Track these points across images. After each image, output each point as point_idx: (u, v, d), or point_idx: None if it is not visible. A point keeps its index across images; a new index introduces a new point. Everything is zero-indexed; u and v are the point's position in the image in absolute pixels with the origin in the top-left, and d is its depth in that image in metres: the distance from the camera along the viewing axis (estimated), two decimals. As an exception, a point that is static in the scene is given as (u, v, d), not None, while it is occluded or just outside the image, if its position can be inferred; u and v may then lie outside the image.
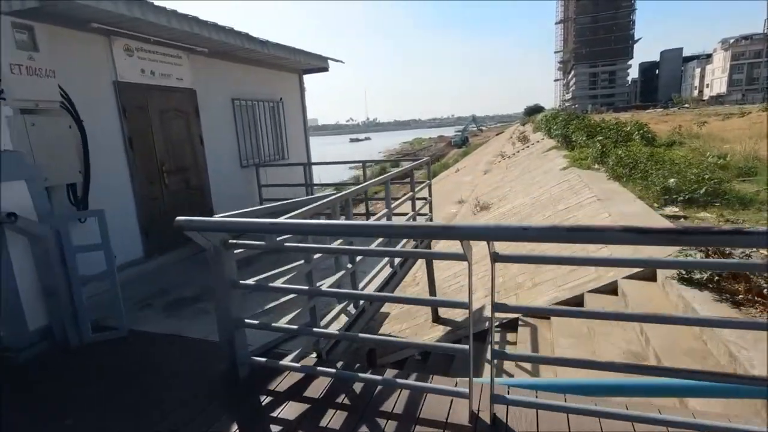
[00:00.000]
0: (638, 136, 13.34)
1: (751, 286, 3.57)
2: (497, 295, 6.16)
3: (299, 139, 8.68)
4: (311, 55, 7.61)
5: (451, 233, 1.71)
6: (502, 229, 1.69)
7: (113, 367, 2.86)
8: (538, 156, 19.18)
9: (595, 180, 9.61)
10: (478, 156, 40.69)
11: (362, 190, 4.09)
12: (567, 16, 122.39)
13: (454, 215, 15.54)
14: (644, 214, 6.46)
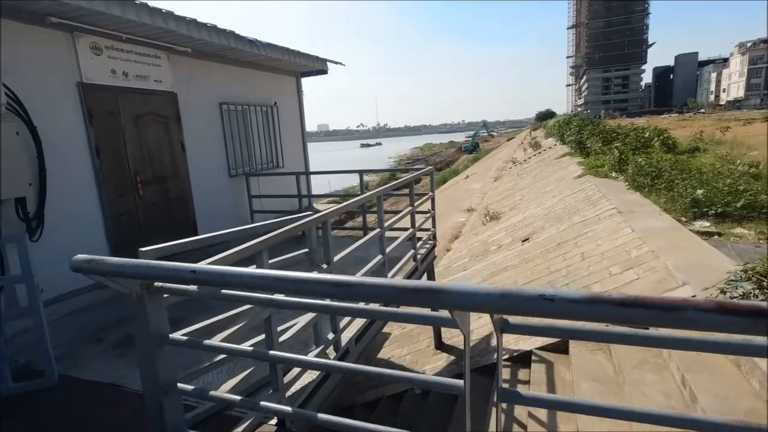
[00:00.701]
0: (658, 143, 12.59)
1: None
2: (508, 319, 5.53)
3: (296, 145, 8.16)
4: (307, 56, 7.11)
5: (439, 299, 1.13)
6: (514, 298, 1.10)
7: (30, 428, 2.32)
8: (550, 163, 18.47)
9: (613, 189, 8.93)
10: (488, 162, 39.95)
11: (355, 205, 3.52)
12: (579, 21, 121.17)
13: (463, 224, 14.91)
14: (674, 230, 5.79)
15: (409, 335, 6.96)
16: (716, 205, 6.56)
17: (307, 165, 8.42)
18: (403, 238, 4.54)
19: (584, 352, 4.07)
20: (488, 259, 8.85)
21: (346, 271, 4.33)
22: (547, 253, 7.09)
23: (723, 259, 4.55)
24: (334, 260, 2.93)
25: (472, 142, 73.64)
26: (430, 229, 5.62)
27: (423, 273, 5.23)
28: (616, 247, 5.77)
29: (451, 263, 10.34)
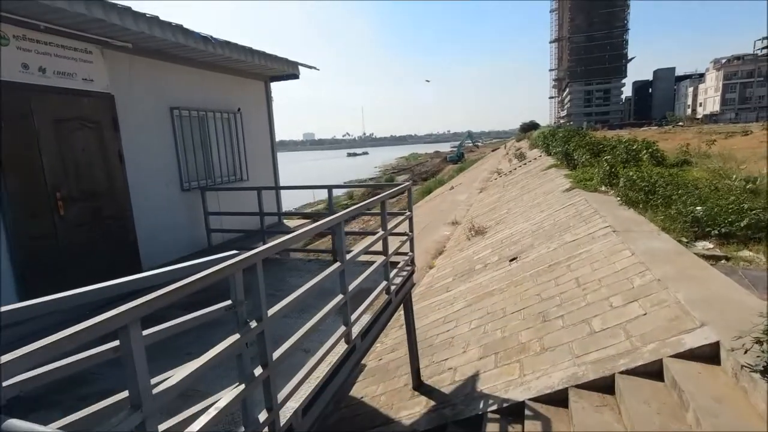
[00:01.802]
0: (647, 155, 12.20)
1: None
2: (495, 357, 4.86)
3: (264, 156, 7.43)
4: (275, 58, 6.41)
5: None
6: None
7: None
8: (536, 174, 18.05)
9: (605, 205, 8.40)
10: (473, 173, 39.65)
11: (310, 234, 2.81)
12: (561, 35, 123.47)
13: (447, 238, 14.28)
14: (677, 253, 5.21)
15: (385, 369, 6.23)
16: (719, 224, 6.03)
17: (277, 178, 7.67)
18: (375, 267, 3.83)
19: (588, 407, 3.40)
20: (473, 279, 8.20)
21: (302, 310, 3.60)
22: (538, 276, 6.46)
23: (741, 292, 3.96)
24: (270, 312, 2.21)
25: (457, 152, 73.91)
26: (407, 254, 4.92)
27: (397, 307, 4.52)
28: (615, 273, 5.16)
29: (434, 282, 9.66)
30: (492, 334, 5.39)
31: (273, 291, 4.77)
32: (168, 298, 1.55)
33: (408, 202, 4.97)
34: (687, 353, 3.33)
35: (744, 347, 2.95)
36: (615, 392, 3.47)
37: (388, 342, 7.32)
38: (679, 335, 3.52)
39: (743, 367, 2.88)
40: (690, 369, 3.20)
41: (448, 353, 5.64)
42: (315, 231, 2.91)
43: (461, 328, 6.19)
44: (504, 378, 4.34)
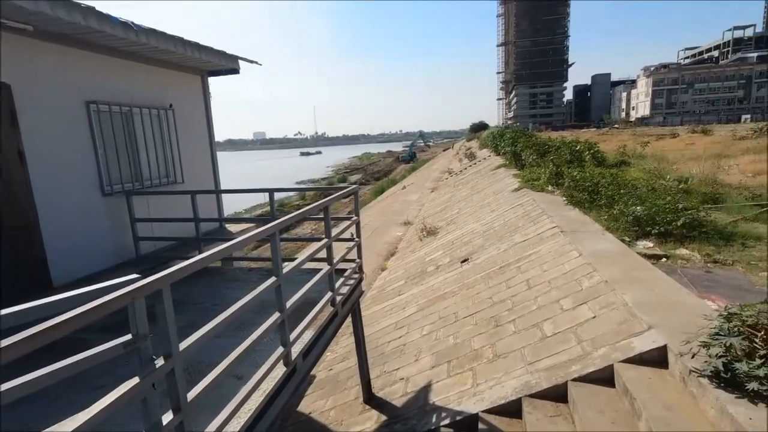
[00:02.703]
0: (589, 156, 12.67)
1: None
2: (447, 365, 4.69)
3: (202, 157, 6.87)
4: (211, 51, 5.91)
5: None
6: None
7: None
8: (486, 174, 18.36)
9: (552, 205, 8.54)
10: (425, 172, 40.04)
11: (240, 246, 2.45)
12: (508, 40, 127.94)
13: (400, 239, 14.15)
14: (621, 253, 5.28)
15: (336, 380, 5.92)
16: (658, 223, 6.24)
17: (217, 181, 7.13)
18: (318, 277, 3.52)
19: (542, 418, 3.28)
20: (426, 282, 8.06)
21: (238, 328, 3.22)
22: (489, 278, 6.40)
23: (684, 293, 4.02)
24: (184, 345, 1.85)
25: (409, 152, 74.64)
26: (355, 260, 4.64)
27: (345, 318, 4.23)
28: (564, 274, 5.16)
29: (386, 285, 9.45)
30: (444, 341, 5.23)
31: (209, 305, 4.34)
32: (22, 347, 1.18)
33: (355, 207, 4.69)
34: (636, 358, 3.30)
35: (691, 351, 2.93)
36: (568, 401, 3.38)
37: (339, 350, 7.02)
38: (628, 339, 3.49)
39: (691, 372, 2.84)
40: (640, 375, 3.15)
41: (399, 362, 5.42)
42: (250, 241, 2.57)
43: (413, 334, 6.00)
44: (457, 388, 4.17)
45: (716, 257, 5.34)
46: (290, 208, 27.86)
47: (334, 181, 49.93)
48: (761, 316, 2.74)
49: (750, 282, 4.65)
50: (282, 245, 9.60)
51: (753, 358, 2.61)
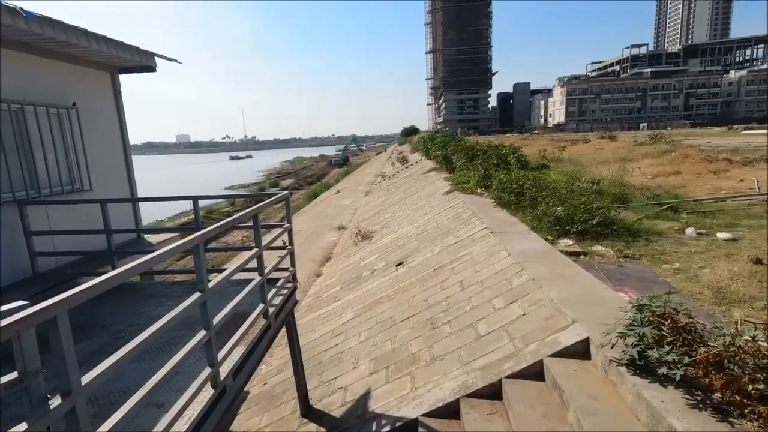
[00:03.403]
0: (514, 159, 13.39)
1: (729, 379, 2.57)
2: (386, 371, 4.65)
3: (114, 162, 6.26)
4: (121, 45, 5.40)
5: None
6: None
7: None
8: (418, 178, 18.75)
9: (482, 207, 8.88)
10: (359, 176, 40.11)
11: (157, 262, 2.20)
12: (436, 47, 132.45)
13: (334, 244, 13.99)
14: (546, 252, 5.59)
15: (271, 395, 5.65)
16: (576, 222, 6.70)
17: (133, 188, 6.52)
18: (248, 290, 3.31)
19: (479, 418, 3.34)
20: (361, 287, 8.00)
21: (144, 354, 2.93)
22: (424, 280, 6.48)
23: (602, 288, 4.32)
24: (86, 380, 1.61)
25: (342, 156, 74.53)
26: (288, 269, 4.45)
27: (278, 330, 4.04)
28: (495, 274, 5.35)
29: (321, 292, 9.26)
30: (382, 346, 5.19)
31: (124, 326, 3.92)
32: None
33: (286, 213, 4.51)
34: (563, 351, 3.47)
35: (610, 342, 3.14)
36: (503, 398, 3.47)
37: (274, 362, 6.73)
38: (555, 334, 3.67)
39: (611, 361, 3.04)
40: (567, 367, 3.32)
41: (337, 371, 5.29)
42: (171, 253, 2.34)
43: (351, 341, 5.90)
44: (396, 394, 4.14)
45: (626, 252, 5.84)
46: (219, 215, 26.51)
47: (265, 186, 48.37)
48: (667, 306, 3.00)
49: (655, 274, 5.12)
50: (210, 255, 9.22)
51: (662, 345, 2.84)
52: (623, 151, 20.92)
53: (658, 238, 6.50)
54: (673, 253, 5.78)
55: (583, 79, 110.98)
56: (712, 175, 12.23)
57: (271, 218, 23.61)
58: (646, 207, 8.32)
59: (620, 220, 7.07)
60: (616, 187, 9.76)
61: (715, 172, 12.41)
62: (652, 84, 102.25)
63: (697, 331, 2.85)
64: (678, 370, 2.62)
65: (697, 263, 5.32)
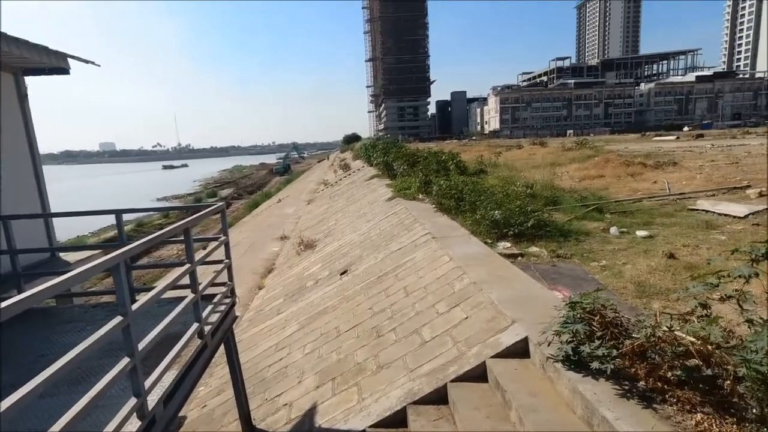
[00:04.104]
0: (453, 165, 13.78)
1: (652, 367, 2.76)
2: (332, 383, 4.54)
3: (20, 172, 5.64)
4: (25, 44, 4.90)
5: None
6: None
7: None
8: (361, 185, 18.77)
9: (423, 213, 9.03)
10: (301, 184, 39.48)
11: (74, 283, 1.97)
12: (375, 56, 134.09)
13: (277, 255, 13.59)
14: (486, 255, 5.77)
15: (210, 418, 5.32)
16: (512, 225, 6.99)
17: (45, 202, 5.92)
18: (180, 309, 3.08)
19: (426, 424, 3.34)
20: (305, 297, 7.81)
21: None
22: (368, 288, 6.45)
23: (539, 288, 4.51)
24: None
25: (283, 164, 73.21)
26: (225, 284, 4.23)
27: (215, 350, 3.81)
28: (438, 279, 5.43)
29: (264, 305, 8.93)
30: (327, 358, 5.08)
31: (35, 357, 3.51)
32: None
33: (222, 225, 4.28)
34: (504, 352, 3.57)
35: (547, 340, 3.26)
36: (449, 402, 3.50)
37: (213, 383, 6.37)
38: (496, 335, 3.77)
39: (548, 358, 3.17)
40: (508, 367, 3.42)
41: (282, 386, 5.10)
42: (90, 274, 2.11)
43: (295, 354, 5.72)
44: (343, 406, 4.05)
45: (559, 252, 6.17)
46: (151, 228, 24.90)
47: (203, 196, 46.18)
48: (596, 303, 3.18)
49: (585, 271, 5.45)
50: (141, 273, 8.69)
51: (593, 340, 3.00)
52: (553, 156, 22.26)
53: (586, 237, 6.94)
54: (599, 251, 6.19)
55: (515, 89, 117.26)
56: (630, 177, 13.32)
57: (210, 230, 22.54)
58: (574, 209, 8.87)
59: (552, 221, 7.48)
60: (547, 190, 10.34)
61: (632, 175, 13.53)
62: (576, 94, 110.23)
63: (623, 325, 3.04)
64: (608, 363, 2.77)
65: (621, 260, 5.72)
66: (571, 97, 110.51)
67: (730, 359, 2.32)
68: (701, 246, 6.01)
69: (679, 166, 14.57)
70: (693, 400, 2.49)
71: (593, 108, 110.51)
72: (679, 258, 5.55)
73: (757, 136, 32.83)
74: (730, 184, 10.71)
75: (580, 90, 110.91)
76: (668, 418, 2.45)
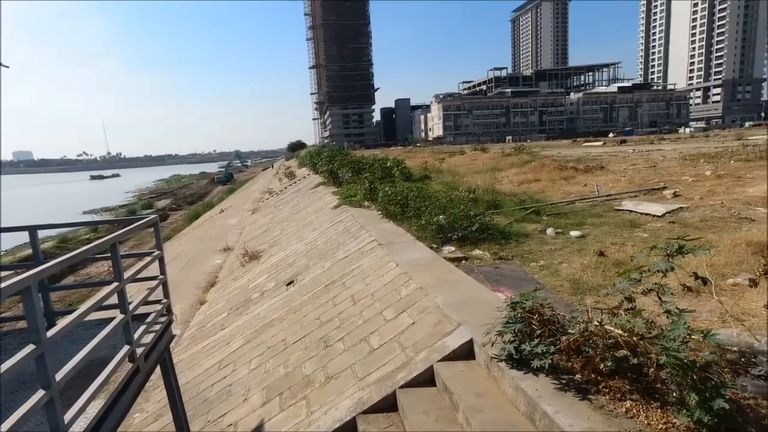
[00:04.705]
0: (398, 172, 13.95)
1: (586, 360, 2.92)
2: (280, 398, 4.40)
3: None
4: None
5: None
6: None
7: None
8: (306, 193, 18.52)
9: (369, 220, 9.04)
10: (244, 193, 38.29)
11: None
12: (319, 63, 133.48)
13: (220, 267, 13.03)
14: (431, 260, 5.87)
15: (147, 447, 4.96)
16: (456, 230, 7.16)
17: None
18: (107, 332, 2.83)
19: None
20: (251, 310, 7.54)
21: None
22: (316, 298, 6.33)
23: (482, 290, 4.64)
24: None
25: (225, 173, 70.83)
26: (161, 301, 3.97)
27: (150, 373, 3.55)
28: (384, 285, 5.44)
29: (206, 321, 8.51)
30: (274, 372, 4.91)
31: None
32: None
33: (156, 239, 4.03)
34: (451, 355, 3.63)
35: (490, 341, 3.36)
36: (398, 409, 3.49)
37: (151, 408, 5.95)
38: (443, 339, 3.83)
39: (492, 359, 3.25)
40: (455, 370, 3.48)
41: (226, 406, 4.86)
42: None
43: (240, 371, 5.49)
44: (291, 422, 3.93)
45: (501, 254, 6.40)
46: (77, 244, 23.02)
47: (136, 208, 43.39)
48: (535, 302, 3.31)
49: (525, 272, 5.69)
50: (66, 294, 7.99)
51: (533, 338, 3.12)
52: (493, 161, 23.20)
53: (526, 239, 7.26)
54: (538, 252, 6.49)
55: (456, 97, 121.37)
56: (563, 181, 14.16)
57: (147, 244, 21.20)
58: (514, 212, 9.26)
59: (494, 224, 7.75)
60: (489, 194, 10.72)
61: (565, 179, 14.40)
62: (513, 102, 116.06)
63: (559, 322, 3.19)
64: (546, 359, 2.89)
65: (557, 259, 6.04)
66: (509, 105, 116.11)
67: (652, 348, 2.50)
68: (627, 243, 6.48)
69: (606, 169, 15.70)
70: (623, 389, 2.66)
71: (529, 115, 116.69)
72: (608, 255, 5.94)
73: (670, 142, 36.21)
74: (650, 185, 11.69)
75: (517, 98, 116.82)
76: (602, 407, 2.59)
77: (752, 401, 2.53)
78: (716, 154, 16.37)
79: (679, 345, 2.31)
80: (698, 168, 13.55)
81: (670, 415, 2.37)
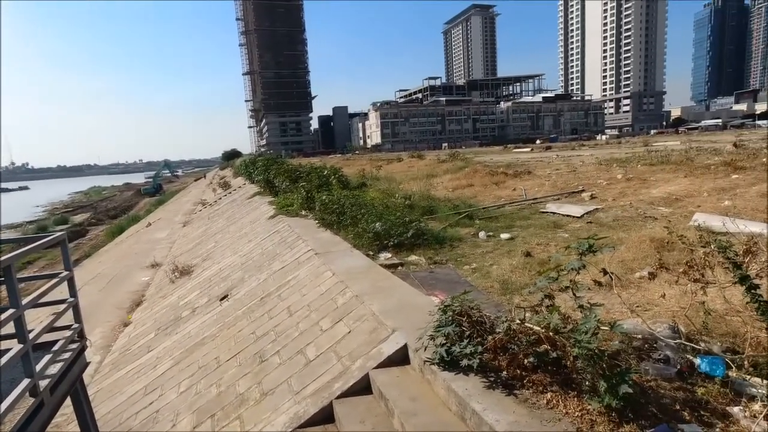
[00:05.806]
0: (335, 180, 13.88)
1: (511, 357, 3.06)
2: (212, 421, 4.17)
3: None
4: None
5: None
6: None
7: None
8: (242, 203, 17.89)
9: (306, 229, 8.91)
10: (175, 205, 36.24)
11: None
12: (253, 69, 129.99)
13: (147, 285, 12.18)
14: (368, 267, 5.89)
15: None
16: (393, 236, 7.25)
17: None
18: (3, 363, 2.53)
19: None
20: (181, 329, 7.12)
21: None
22: (251, 312, 6.11)
23: (417, 295, 4.73)
24: None
25: (153, 184, 66.87)
26: (71, 327, 3.62)
27: (58, 407, 3.21)
28: (321, 295, 5.37)
29: (131, 343, 7.90)
30: (206, 394, 4.66)
31: None
32: None
33: (64, 258, 3.68)
34: (386, 361, 3.65)
35: (423, 345, 3.42)
36: (335, 420, 3.45)
37: (65, 444, 5.40)
38: (378, 346, 3.84)
39: (425, 362, 3.32)
40: (390, 376, 3.50)
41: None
42: None
43: (169, 395, 5.15)
44: (223, 445, 3.74)
45: (435, 259, 6.56)
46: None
47: (48, 224, 39.41)
48: (464, 304, 3.43)
49: (458, 275, 5.87)
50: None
51: (463, 339, 3.22)
52: (429, 168, 23.83)
53: (459, 242, 7.51)
54: (470, 255, 6.73)
55: (393, 105, 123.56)
56: (494, 186, 14.86)
57: (61, 263, 19.31)
58: (449, 216, 9.56)
59: (430, 230, 7.94)
60: (424, 200, 10.99)
61: (496, 184, 15.11)
62: (448, 110, 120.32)
63: (487, 322, 3.33)
64: (475, 359, 3.00)
65: (488, 261, 6.30)
66: (444, 113, 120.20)
67: (567, 341, 2.68)
68: (551, 243, 6.91)
69: (533, 174, 16.70)
70: (544, 382, 2.82)
71: (464, 123, 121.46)
72: (534, 255, 6.31)
73: (589, 148, 39.29)
74: (570, 189, 12.60)
75: (451, 107, 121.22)
76: (526, 400, 2.73)
77: (653, 383, 2.79)
78: (626, 159, 17.99)
79: (590, 337, 2.49)
80: (611, 172, 14.81)
81: (585, 403, 2.55)
